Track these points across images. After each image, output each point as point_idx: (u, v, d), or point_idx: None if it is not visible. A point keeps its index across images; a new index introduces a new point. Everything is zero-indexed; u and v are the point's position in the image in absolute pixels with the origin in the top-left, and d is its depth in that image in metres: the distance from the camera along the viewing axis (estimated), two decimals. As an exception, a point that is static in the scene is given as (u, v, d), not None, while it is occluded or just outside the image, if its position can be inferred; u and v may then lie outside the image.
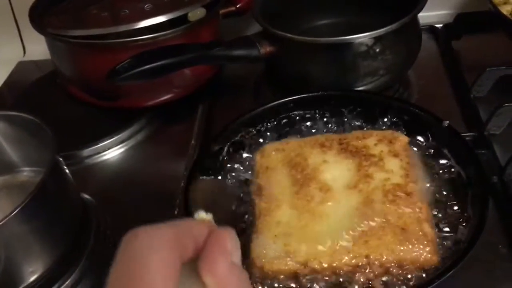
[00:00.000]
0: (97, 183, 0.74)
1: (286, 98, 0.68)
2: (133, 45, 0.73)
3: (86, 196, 0.70)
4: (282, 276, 0.50)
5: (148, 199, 0.69)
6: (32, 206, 0.55)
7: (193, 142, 0.76)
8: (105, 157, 0.78)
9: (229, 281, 0.32)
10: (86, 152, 0.77)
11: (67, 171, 0.64)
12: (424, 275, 0.49)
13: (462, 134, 0.62)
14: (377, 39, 0.69)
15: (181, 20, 0.74)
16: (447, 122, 0.61)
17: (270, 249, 0.50)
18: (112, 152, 0.78)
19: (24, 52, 1.06)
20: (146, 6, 0.76)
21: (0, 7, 1.02)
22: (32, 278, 0.58)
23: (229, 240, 0.33)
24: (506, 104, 0.66)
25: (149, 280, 0.30)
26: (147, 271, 0.30)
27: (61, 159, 0.64)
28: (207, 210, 0.37)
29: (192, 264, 0.32)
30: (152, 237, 0.31)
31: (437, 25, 0.91)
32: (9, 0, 1.01)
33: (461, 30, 0.86)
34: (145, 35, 0.73)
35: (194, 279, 0.32)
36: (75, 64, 0.81)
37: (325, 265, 0.49)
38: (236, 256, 0.33)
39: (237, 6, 0.86)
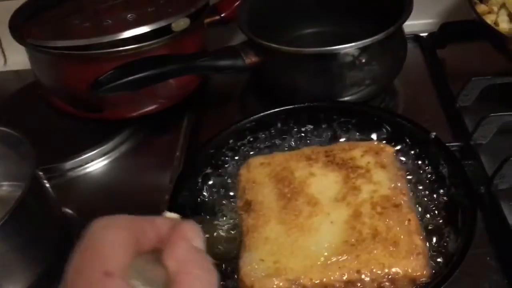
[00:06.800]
0: (79, 197, 0.72)
1: (271, 109, 0.67)
2: (116, 56, 0.71)
3: (68, 210, 0.69)
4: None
5: (132, 212, 0.66)
6: (11, 223, 0.53)
7: (178, 153, 0.75)
8: (88, 170, 0.76)
9: (188, 263, 0.33)
10: (69, 164, 0.75)
11: (47, 185, 0.63)
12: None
13: (449, 144, 0.62)
14: (362, 50, 0.69)
15: (165, 31, 0.73)
16: (434, 133, 0.60)
17: (259, 267, 0.49)
18: (95, 164, 0.76)
19: (5, 62, 1.04)
20: (129, 16, 0.75)
21: (-20, 16, 1.00)
22: (13, 297, 0.56)
23: (190, 228, 0.35)
24: (492, 114, 0.66)
25: (101, 255, 0.32)
26: (100, 246, 0.32)
27: (41, 173, 0.62)
28: None
29: (157, 254, 0.34)
30: (110, 220, 0.34)
31: (422, 34, 0.91)
32: (-11, 9, 1.00)
33: (446, 39, 0.87)
34: (129, 45, 0.71)
35: (158, 266, 0.33)
36: (56, 76, 0.79)
37: (316, 282, 0.48)
38: (198, 241, 0.35)
39: (222, 15, 0.85)
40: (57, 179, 0.74)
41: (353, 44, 0.68)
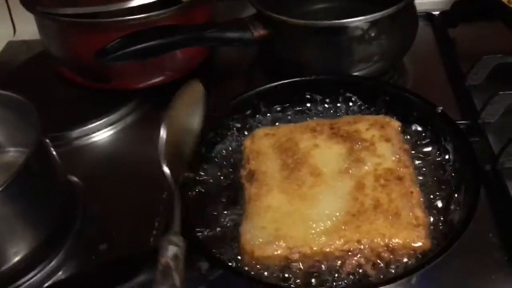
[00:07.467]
0: (85, 165, 0.73)
1: (278, 81, 0.66)
2: (124, 25, 0.71)
3: (74, 178, 0.69)
4: (272, 263, 0.48)
5: (136, 182, 0.68)
6: (15, 186, 0.54)
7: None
8: (94, 139, 0.77)
9: None
10: (75, 133, 0.76)
11: (53, 152, 0.63)
12: (415, 260, 0.48)
13: (456, 122, 0.61)
14: (372, 24, 0.68)
15: (174, 1, 0.73)
16: (441, 108, 0.60)
17: (260, 234, 0.49)
18: (101, 134, 0.77)
19: (14, 32, 1.04)
20: (138, -15, 0.75)
21: (-11, -15, 1.00)
22: (16, 259, 0.57)
23: None
24: (501, 92, 0.66)
25: None
26: None
27: (47, 140, 0.62)
28: None
29: None
30: None
31: (434, 12, 0.90)
32: (-2, -22, 1.00)
33: (458, 17, 0.85)
34: (137, 14, 0.71)
35: None
36: (65, 44, 0.79)
37: (316, 250, 0.48)
38: None
39: (231, -13, 0.84)
40: (64, 147, 0.74)
41: (362, 17, 0.67)
